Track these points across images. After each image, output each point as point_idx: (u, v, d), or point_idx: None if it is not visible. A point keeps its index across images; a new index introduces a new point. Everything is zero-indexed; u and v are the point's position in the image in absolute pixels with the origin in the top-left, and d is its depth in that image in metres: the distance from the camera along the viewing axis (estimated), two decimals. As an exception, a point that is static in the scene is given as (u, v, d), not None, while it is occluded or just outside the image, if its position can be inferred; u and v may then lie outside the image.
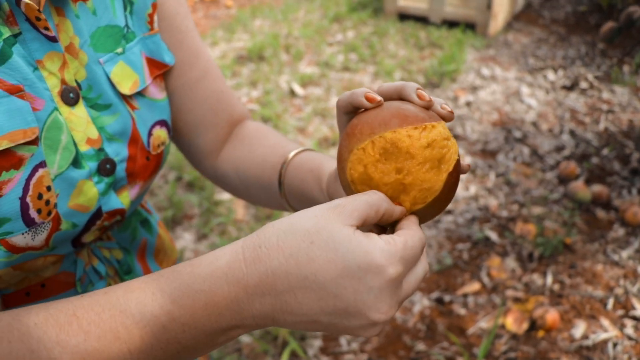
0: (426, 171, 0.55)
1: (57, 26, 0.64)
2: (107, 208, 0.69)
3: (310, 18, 5.60)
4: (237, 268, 0.50)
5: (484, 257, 2.54)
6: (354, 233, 0.49)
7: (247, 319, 0.51)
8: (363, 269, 0.47)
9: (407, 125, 0.55)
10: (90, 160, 0.66)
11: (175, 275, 0.52)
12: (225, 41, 4.96)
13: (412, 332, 2.17)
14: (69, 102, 0.65)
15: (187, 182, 3.05)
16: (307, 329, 0.52)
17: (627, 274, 2.42)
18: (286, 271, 0.49)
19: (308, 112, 3.76)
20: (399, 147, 0.54)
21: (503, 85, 4.17)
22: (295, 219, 0.51)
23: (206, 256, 0.52)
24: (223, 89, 0.87)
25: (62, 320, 0.50)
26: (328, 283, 0.48)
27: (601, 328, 2.16)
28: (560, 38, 5.07)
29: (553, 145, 3.39)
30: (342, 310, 0.49)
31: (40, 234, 0.61)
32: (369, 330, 0.50)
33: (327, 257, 0.48)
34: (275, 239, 0.50)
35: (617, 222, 2.73)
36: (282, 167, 0.79)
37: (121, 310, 0.50)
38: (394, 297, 0.49)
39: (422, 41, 4.93)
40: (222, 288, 0.50)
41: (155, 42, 0.78)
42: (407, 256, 0.50)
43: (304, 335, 2.15)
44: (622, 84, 4.11)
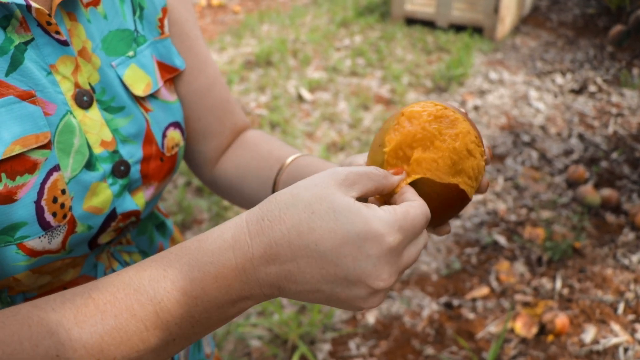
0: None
1: (69, 31, 0.65)
2: (122, 210, 0.70)
3: (318, 23, 5.62)
4: (243, 240, 0.52)
5: (492, 262, 2.54)
6: (354, 203, 0.50)
7: (254, 288, 0.52)
8: (362, 237, 0.49)
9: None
10: (105, 163, 0.67)
11: (184, 251, 0.53)
12: (233, 46, 4.99)
13: (421, 336, 2.17)
14: (82, 105, 0.66)
15: (196, 187, 3.07)
16: (311, 300, 0.53)
17: (637, 278, 2.41)
18: (289, 241, 0.50)
19: (316, 117, 3.77)
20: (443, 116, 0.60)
21: (511, 89, 4.17)
22: (296, 191, 0.52)
23: (212, 231, 0.54)
24: (229, 99, 0.89)
25: (78, 302, 0.52)
26: (328, 252, 0.49)
27: (612, 333, 2.15)
28: (569, 41, 5.06)
29: (562, 149, 3.38)
30: (343, 278, 0.50)
31: (56, 237, 0.62)
32: (370, 299, 0.51)
33: (327, 226, 0.49)
34: (278, 211, 0.51)
35: (627, 226, 2.72)
36: (278, 173, 0.80)
37: (135, 289, 0.52)
38: (393, 265, 0.50)
39: (429, 45, 4.93)
40: (230, 260, 0.51)
41: (166, 46, 0.79)
42: (408, 226, 0.51)
43: (313, 339, 2.15)
44: (632, 87, 4.09)
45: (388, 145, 0.59)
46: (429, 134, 0.58)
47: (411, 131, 0.59)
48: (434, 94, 4.10)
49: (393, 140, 0.59)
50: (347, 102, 3.98)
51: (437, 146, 0.58)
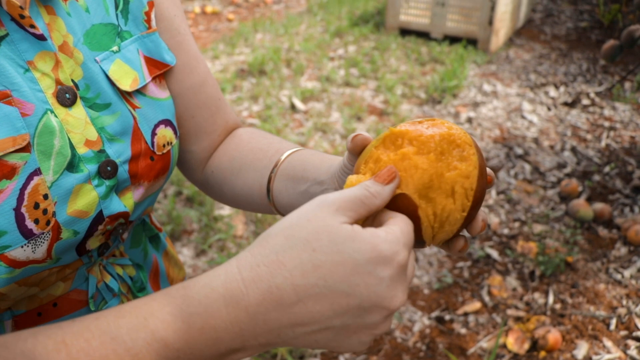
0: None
1: (48, 25, 0.62)
2: (109, 212, 0.66)
3: (312, 32, 5.62)
4: (236, 288, 0.48)
5: (484, 276, 2.52)
6: (354, 229, 0.49)
7: (249, 340, 0.49)
8: (373, 262, 0.47)
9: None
10: (90, 163, 0.64)
11: (168, 299, 0.50)
12: (226, 55, 4.97)
13: (412, 351, 2.14)
14: (65, 103, 0.62)
15: (187, 197, 3.04)
16: (316, 341, 0.50)
17: (630, 293, 2.39)
18: (292, 284, 0.47)
19: (309, 127, 3.76)
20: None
21: (504, 101, 4.17)
22: (289, 232, 0.49)
23: (199, 277, 0.50)
24: (220, 97, 0.86)
25: (50, 347, 0.48)
26: (339, 284, 0.47)
27: (604, 349, 2.13)
28: (562, 54, 5.08)
29: (555, 162, 3.38)
30: (356, 307, 0.48)
31: (40, 246, 0.58)
32: (382, 325, 0.50)
33: (333, 260, 0.47)
34: (275, 256, 0.48)
35: (620, 241, 2.71)
36: (273, 169, 0.77)
37: (112, 337, 0.48)
38: (404, 282, 0.50)
39: (423, 56, 4.94)
40: (220, 310, 0.48)
41: (154, 40, 0.76)
42: (407, 241, 0.51)
43: (302, 353, 2.12)
44: (624, 101, 4.10)
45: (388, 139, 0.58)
46: (436, 145, 0.56)
47: (423, 133, 0.57)
48: (428, 106, 4.09)
49: (398, 132, 0.58)
50: (340, 112, 3.97)
51: (431, 160, 0.55)
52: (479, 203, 0.57)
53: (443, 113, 3.98)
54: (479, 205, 0.57)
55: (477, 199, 0.56)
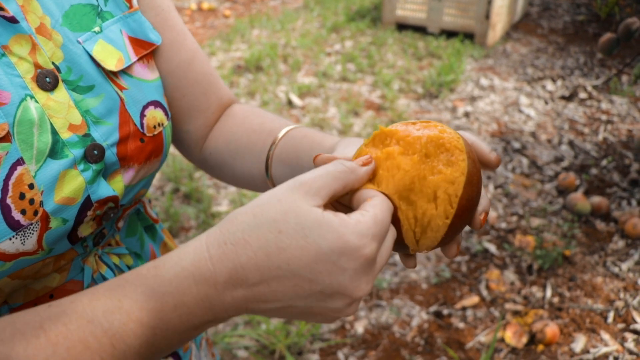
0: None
1: (22, 7, 0.60)
2: (97, 197, 0.64)
3: (308, 28, 5.61)
4: (204, 266, 0.49)
5: (482, 270, 2.52)
6: (323, 215, 0.48)
7: (219, 313, 0.50)
8: (337, 252, 0.47)
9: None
10: (75, 148, 0.62)
11: (141, 279, 0.51)
12: (223, 51, 4.96)
13: (411, 346, 2.14)
14: (45, 87, 0.60)
15: (184, 194, 3.03)
16: (282, 315, 0.51)
17: (627, 286, 2.40)
18: (256, 264, 0.48)
19: (306, 122, 3.75)
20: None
21: (502, 95, 4.17)
22: (258, 210, 0.50)
23: (169, 256, 0.51)
24: (212, 72, 0.84)
25: (29, 334, 0.49)
26: (302, 270, 0.47)
27: (602, 342, 2.14)
28: (559, 48, 5.07)
29: (552, 156, 3.38)
30: (319, 292, 0.49)
31: (30, 237, 0.57)
32: (346, 310, 0.50)
33: (297, 244, 0.47)
34: (241, 234, 0.49)
35: (617, 234, 2.71)
36: (271, 147, 0.77)
37: (88, 320, 0.49)
38: (370, 274, 0.49)
39: (420, 51, 4.93)
40: (190, 288, 0.49)
41: (137, 20, 0.74)
42: (378, 232, 0.49)
43: (301, 349, 2.13)
44: (621, 94, 4.10)
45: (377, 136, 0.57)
46: (422, 147, 0.55)
47: (411, 134, 0.56)
48: (425, 101, 4.09)
49: (387, 131, 0.57)
50: (337, 107, 3.96)
51: (414, 161, 0.54)
52: (468, 211, 0.55)
53: (440, 108, 3.98)
54: (467, 213, 0.55)
55: (464, 207, 0.54)
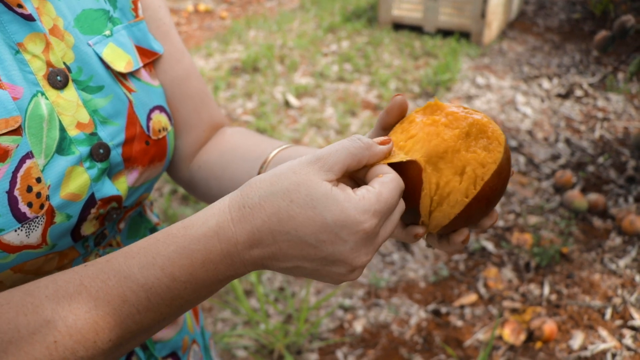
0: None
1: (37, 9, 0.63)
2: (101, 195, 0.66)
3: (305, 28, 5.61)
4: (227, 227, 0.54)
5: (480, 268, 2.53)
6: (332, 189, 0.52)
7: (239, 268, 0.55)
8: (339, 224, 0.51)
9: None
10: (81, 145, 0.64)
11: (171, 238, 0.55)
12: (219, 52, 4.97)
13: (409, 344, 2.15)
14: (56, 85, 0.62)
15: (182, 195, 3.04)
16: (294, 273, 0.57)
17: (624, 283, 2.41)
18: (269, 228, 0.53)
19: (303, 123, 3.76)
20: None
21: (498, 94, 4.18)
22: (275, 179, 0.54)
23: (197, 217, 0.56)
24: (206, 91, 0.86)
25: (71, 290, 0.53)
26: (308, 237, 0.52)
27: (599, 339, 2.15)
28: (555, 46, 5.09)
29: (549, 153, 3.39)
30: (322, 258, 0.53)
31: (34, 230, 0.59)
32: (349, 275, 0.55)
33: (306, 214, 0.52)
34: (258, 199, 0.54)
35: (614, 231, 2.72)
36: (262, 166, 0.78)
37: (125, 276, 0.54)
38: (369, 246, 0.54)
39: (416, 50, 4.94)
40: (215, 246, 0.54)
41: (141, 29, 0.76)
42: (381, 208, 0.53)
43: (300, 349, 2.13)
44: (617, 92, 4.11)
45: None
46: (466, 125, 0.57)
47: (459, 112, 0.58)
48: (421, 100, 4.09)
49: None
50: (334, 108, 3.97)
51: (454, 134, 0.56)
52: (486, 201, 0.56)
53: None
54: (484, 202, 0.56)
55: (485, 193, 0.56)
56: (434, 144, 0.56)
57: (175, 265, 0.54)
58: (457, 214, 0.56)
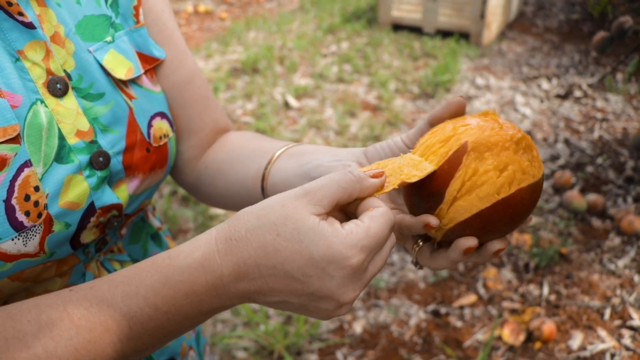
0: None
1: (39, 16, 0.62)
2: (101, 203, 0.66)
3: (305, 29, 5.62)
4: (212, 259, 0.53)
5: (479, 269, 2.53)
6: (319, 223, 0.51)
7: (225, 301, 0.55)
8: (326, 260, 0.51)
9: None
10: (81, 154, 0.63)
11: (155, 268, 0.55)
12: (219, 53, 4.97)
13: (409, 345, 2.15)
14: (56, 93, 0.62)
15: (182, 197, 3.04)
16: (281, 308, 0.56)
17: (623, 283, 2.41)
18: (255, 262, 0.52)
19: (303, 124, 3.76)
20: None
21: (497, 94, 4.18)
22: (262, 212, 0.53)
23: (182, 247, 0.56)
24: (209, 96, 0.85)
25: (54, 316, 0.53)
26: (294, 271, 0.51)
27: (598, 339, 2.15)
28: (554, 46, 5.09)
29: (548, 154, 3.39)
30: (309, 294, 0.52)
31: (32, 239, 0.58)
32: (337, 311, 0.54)
33: (292, 248, 0.51)
34: (244, 232, 0.53)
35: (613, 231, 2.73)
36: (266, 169, 0.76)
37: (109, 305, 0.53)
38: (357, 282, 0.53)
39: (416, 51, 4.94)
40: (200, 278, 0.53)
41: (142, 35, 0.76)
42: (370, 243, 0.52)
43: (300, 349, 2.14)
44: (616, 92, 4.12)
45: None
46: (520, 137, 0.57)
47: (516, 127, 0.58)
48: (421, 100, 4.10)
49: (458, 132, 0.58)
50: (333, 108, 3.97)
51: (508, 134, 0.56)
52: (511, 211, 0.55)
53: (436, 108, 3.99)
54: (509, 212, 0.55)
55: (515, 201, 0.55)
56: (487, 135, 0.56)
57: (158, 296, 0.53)
58: (480, 211, 0.55)
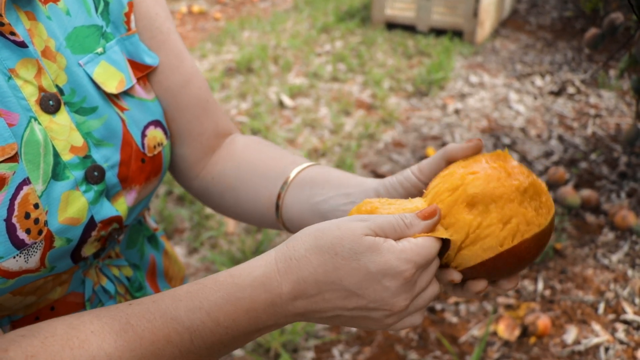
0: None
1: (29, 31, 0.62)
2: (101, 217, 0.66)
3: (299, 29, 5.63)
4: (273, 278, 0.56)
5: (475, 265, 2.54)
6: (375, 241, 0.56)
7: (280, 319, 0.58)
8: (382, 273, 0.55)
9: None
10: (76, 169, 0.64)
11: (218, 285, 0.57)
12: (213, 54, 4.97)
13: (405, 341, 2.17)
14: (48, 110, 0.62)
15: (178, 196, 3.05)
16: (333, 322, 0.59)
17: (617, 277, 2.43)
18: (315, 279, 0.56)
19: (297, 123, 3.77)
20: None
21: (491, 92, 4.20)
22: (319, 233, 0.57)
23: (243, 267, 0.59)
24: (209, 99, 0.83)
25: (117, 327, 0.54)
26: (352, 286, 0.56)
27: (593, 333, 2.17)
28: (547, 44, 5.11)
29: (542, 150, 3.41)
30: (364, 305, 0.57)
31: (33, 255, 0.59)
32: (384, 320, 0.58)
33: (350, 265, 0.55)
34: (304, 252, 0.57)
35: (607, 226, 2.74)
36: (277, 202, 0.77)
37: (172, 318, 0.56)
38: (408, 292, 0.57)
39: (410, 50, 4.96)
40: (260, 296, 0.56)
41: (134, 43, 0.75)
42: (420, 261, 0.56)
43: (296, 347, 2.14)
44: (609, 88, 4.14)
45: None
46: (529, 183, 0.58)
47: (526, 169, 0.59)
48: (415, 99, 4.11)
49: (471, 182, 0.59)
50: (328, 107, 3.98)
51: (514, 185, 0.58)
52: (517, 260, 0.57)
53: (430, 105, 4.01)
54: (513, 261, 0.57)
55: (520, 251, 0.57)
56: (493, 186, 0.57)
57: (221, 311, 0.56)
58: (485, 260, 0.57)
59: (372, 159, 3.35)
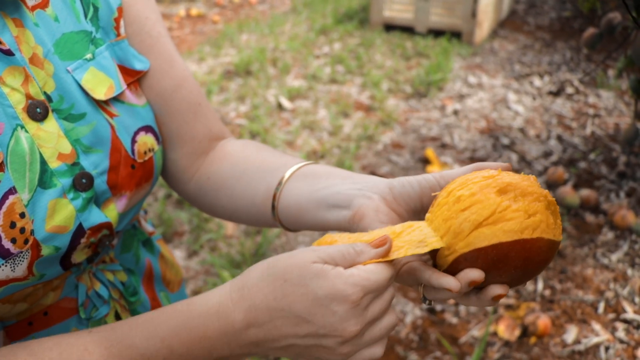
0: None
1: (16, 38, 0.61)
2: (90, 224, 0.66)
3: (297, 31, 5.63)
4: (226, 306, 0.57)
5: (474, 265, 2.54)
6: (323, 267, 0.56)
7: (234, 349, 0.58)
8: (329, 297, 0.55)
9: None
10: (63, 177, 0.63)
11: (176, 313, 0.59)
12: (212, 57, 4.98)
13: (405, 342, 2.16)
14: (36, 117, 0.61)
15: (177, 200, 3.05)
16: (288, 353, 0.59)
17: (617, 277, 2.43)
18: (267, 306, 0.56)
19: (296, 125, 3.77)
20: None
21: (490, 92, 4.20)
22: (272, 261, 0.58)
23: (200, 296, 0.60)
24: (200, 102, 0.82)
25: (74, 356, 0.55)
26: (301, 312, 0.55)
27: (593, 332, 2.17)
28: (546, 44, 5.12)
29: (541, 150, 3.41)
30: (314, 332, 0.56)
31: (19, 264, 0.58)
32: (339, 348, 0.57)
33: (299, 291, 0.55)
34: (256, 280, 0.57)
35: (606, 226, 2.74)
36: (277, 189, 0.75)
37: (128, 345, 0.57)
38: (358, 317, 0.55)
39: (408, 51, 4.96)
40: (214, 323, 0.57)
41: (123, 48, 0.74)
42: (370, 285, 0.55)
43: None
44: (608, 88, 4.14)
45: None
46: (545, 195, 0.58)
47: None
48: (414, 100, 4.12)
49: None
50: (327, 109, 3.98)
51: (537, 190, 0.58)
52: (525, 259, 0.56)
53: (429, 107, 4.01)
54: (524, 259, 0.56)
55: (533, 248, 0.56)
56: (525, 184, 0.58)
57: (175, 338, 0.57)
58: (501, 242, 0.55)
59: (371, 160, 3.36)
